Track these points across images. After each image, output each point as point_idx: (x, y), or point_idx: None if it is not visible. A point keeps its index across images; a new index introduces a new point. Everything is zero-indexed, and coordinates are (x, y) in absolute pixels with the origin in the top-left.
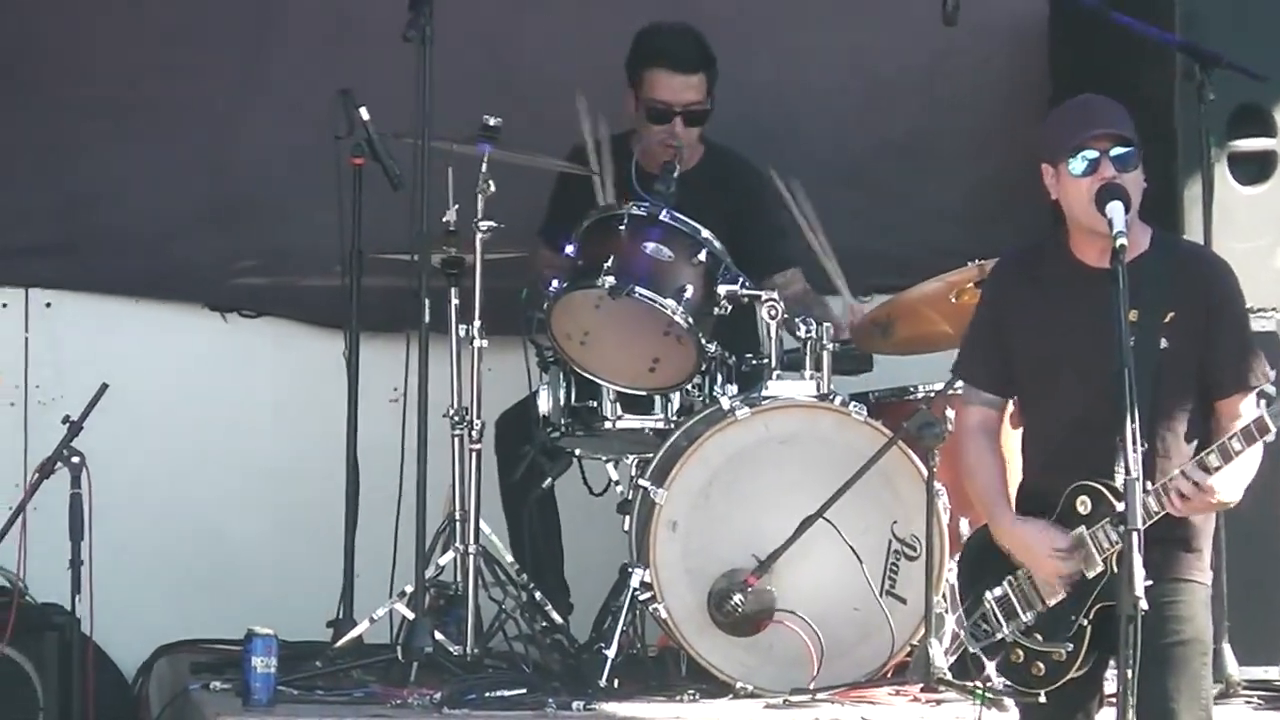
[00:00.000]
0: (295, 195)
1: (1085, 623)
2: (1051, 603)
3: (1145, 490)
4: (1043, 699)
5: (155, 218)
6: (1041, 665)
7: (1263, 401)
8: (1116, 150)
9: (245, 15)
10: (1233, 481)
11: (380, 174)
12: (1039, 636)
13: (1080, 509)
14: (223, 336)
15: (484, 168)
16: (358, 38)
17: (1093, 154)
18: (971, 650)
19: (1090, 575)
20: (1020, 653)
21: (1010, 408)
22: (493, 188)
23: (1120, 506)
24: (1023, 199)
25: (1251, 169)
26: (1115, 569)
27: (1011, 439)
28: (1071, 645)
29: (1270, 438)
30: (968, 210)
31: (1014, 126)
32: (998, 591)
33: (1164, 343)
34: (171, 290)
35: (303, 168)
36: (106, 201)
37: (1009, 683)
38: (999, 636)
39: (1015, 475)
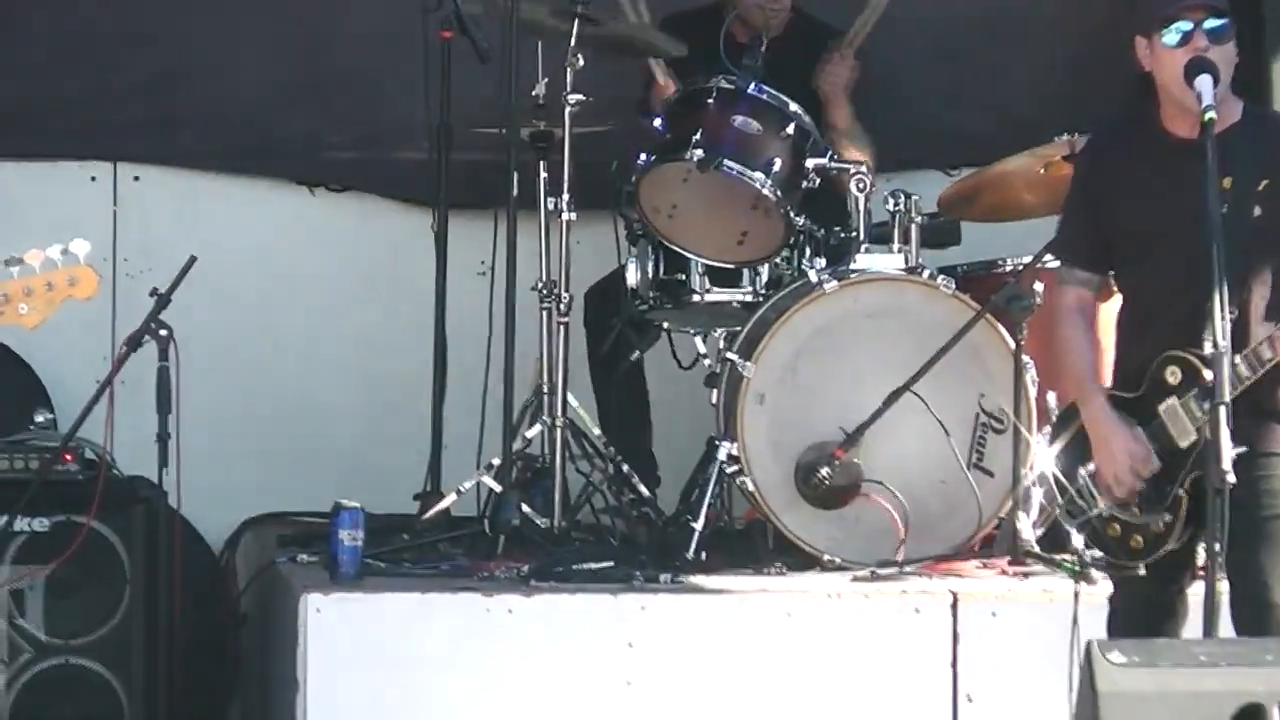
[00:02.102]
0: (384, 70)
1: (1182, 493)
2: (1103, 505)
3: (1233, 361)
4: (1141, 571)
5: (244, 92)
6: (1140, 538)
7: None
8: (1210, 22)
9: None
10: None
11: (469, 48)
12: (1135, 509)
13: (1170, 379)
14: (311, 210)
15: (573, 41)
16: None
17: (1186, 25)
18: (1067, 527)
19: (1183, 445)
20: (1117, 526)
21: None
22: (582, 61)
23: (1209, 376)
24: (1107, 75)
25: None
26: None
27: (1102, 311)
28: (1169, 516)
29: None
30: (1054, 86)
31: (1098, 2)
32: (1092, 466)
33: (1257, 210)
34: (260, 165)
35: (392, 42)
36: (196, 76)
37: (1106, 557)
38: (1094, 512)
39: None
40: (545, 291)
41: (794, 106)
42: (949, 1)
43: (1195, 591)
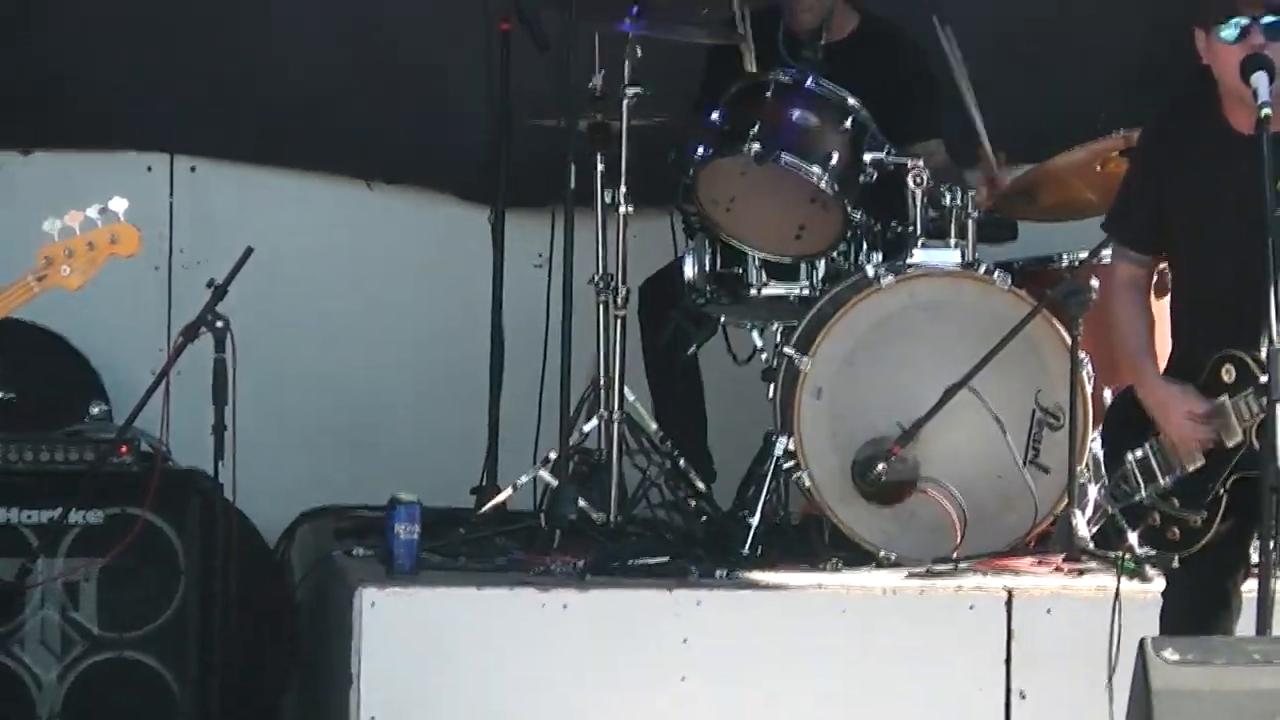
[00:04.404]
0: (442, 62)
1: (1222, 492)
2: (1190, 467)
3: None
4: (1176, 564)
5: (300, 85)
6: (1177, 530)
7: None
8: (1268, 18)
9: None
10: None
11: (528, 39)
12: (1176, 502)
13: (1225, 377)
14: (367, 204)
15: (630, 33)
16: None
17: (1244, 20)
18: (1110, 511)
19: (1229, 445)
20: (1157, 516)
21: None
22: (640, 53)
23: (1264, 377)
24: (1165, 72)
25: None
26: (1255, 440)
27: (1155, 306)
28: (1206, 513)
29: None
30: (1112, 81)
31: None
32: (1139, 453)
33: None
34: (316, 158)
35: (449, 34)
36: (252, 68)
37: (1148, 547)
38: (1137, 499)
39: (1162, 343)
40: (602, 285)
41: (852, 100)
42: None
43: (1249, 588)
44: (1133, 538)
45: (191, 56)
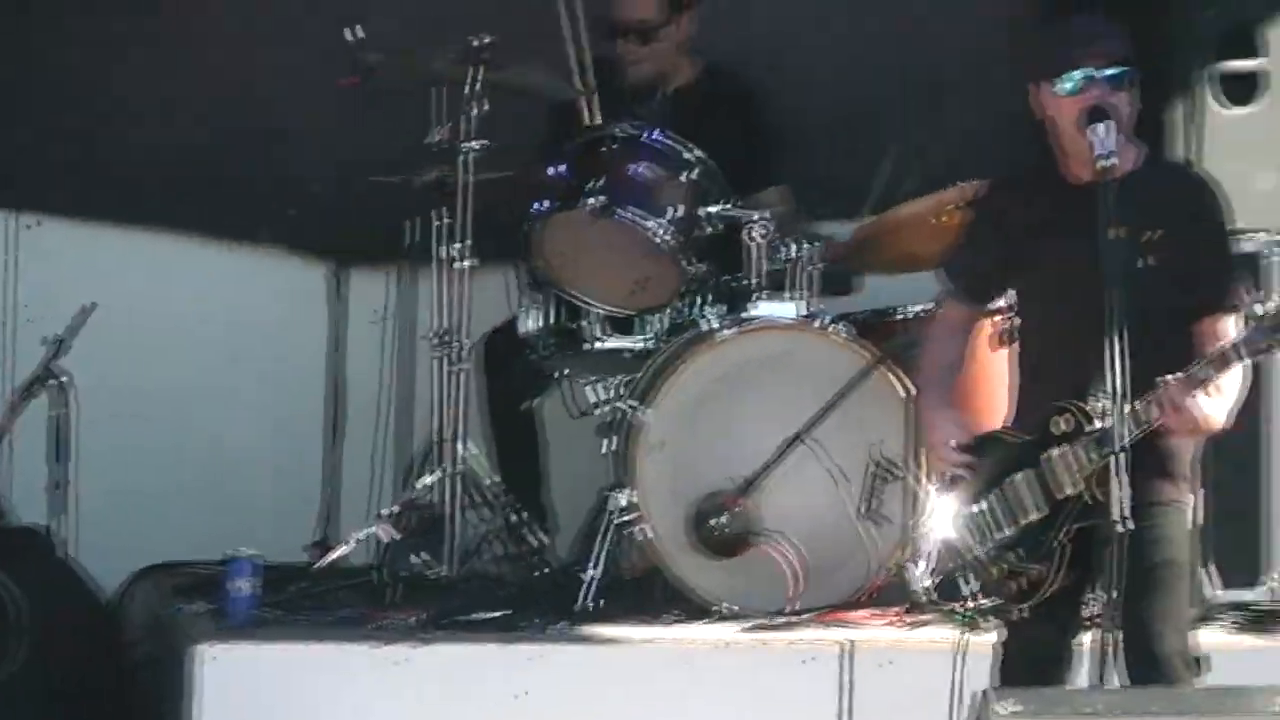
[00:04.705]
0: (286, 119)
1: (1063, 542)
2: (1028, 519)
3: (1127, 410)
4: (1020, 615)
5: (146, 145)
6: (1021, 582)
7: (1247, 322)
8: (1108, 70)
9: None
10: (1215, 405)
11: (372, 96)
12: (1016, 554)
13: (1059, 429)
14: (210, 261)
15: (474, 88)
16: None
17: (1083, 73)
18: (952, 567)
19: (1066, 494)
20: (999, 569)
21: (989, 327)
22: (483, 108)
23: (1097, 426)
24: (1015, 130)
25: (1239, 90)
26: (1093, 490)
27: (994, 360)
28: (1047, 564)
29: (1241, 364)
30: (963, 138)
31: (1006, 55)
32: (981, 505)
33: (1146, 262)
34: (163, 216)
35: (293, 92)
36: (100, 126)
37: (989, 600)
38: (979, 552)
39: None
40: (441, 340)
41: (692, 153)
42: (857, 59)
43: (1087, 640)
44: (973, 590)
45: (37, 113)
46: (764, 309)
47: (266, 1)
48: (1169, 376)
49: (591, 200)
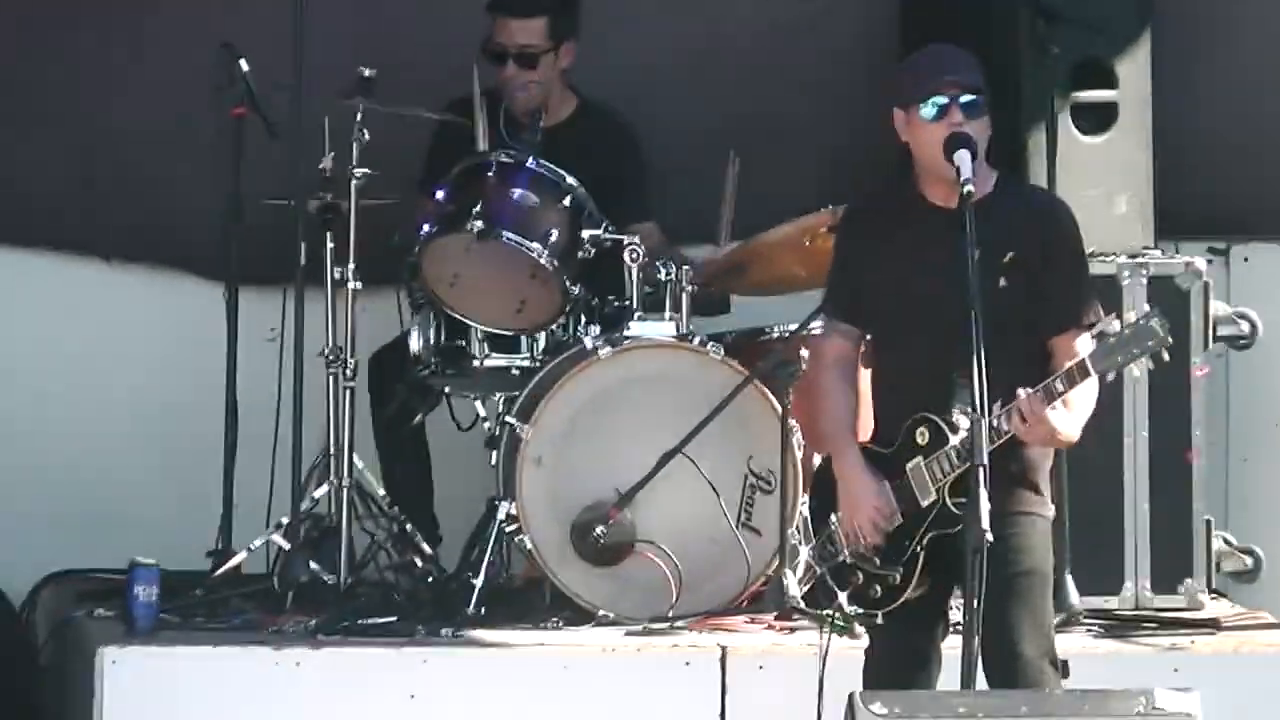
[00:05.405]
0: (178, 145)
1: (919, 549)
2: (862, 542)
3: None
4: (879, 620)
5: (39, 164)
6: (878, 587)
7: (1095, 341)
8: (965, 98)
9: None
10: (1068, 418)
11: (260, 124)
12: (875, 560)
13: (919, 440)
14: (108, 280)
15: (359, 117)
16: None
17: (943, 100)
18: (818, 570)
19: (924, 504)
20: (859, 575)
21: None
22: (367, 136)
23: (956, 439)
24: (877, 160)
25: (1092, 119)
26: (948, 499)
27: (866, 377)
28: (903, 569)
29: (1091, 379)
30: (824, 173)
31: (865, 87)
32: (841, 514)
33: (1003, 282)
34: (56, 238)
35: (185, 117)
36: None
37: (856, 606)
38: (840, 558)
39: (866, 412)
40: (331, 358)
41: (570, 179)
42: (716, 93)
43: (951, 645)
44: (841, 597)
45: None
46: (641, 329)
47: (160, 28)
48: (1026, 389)
49: (475, 224)
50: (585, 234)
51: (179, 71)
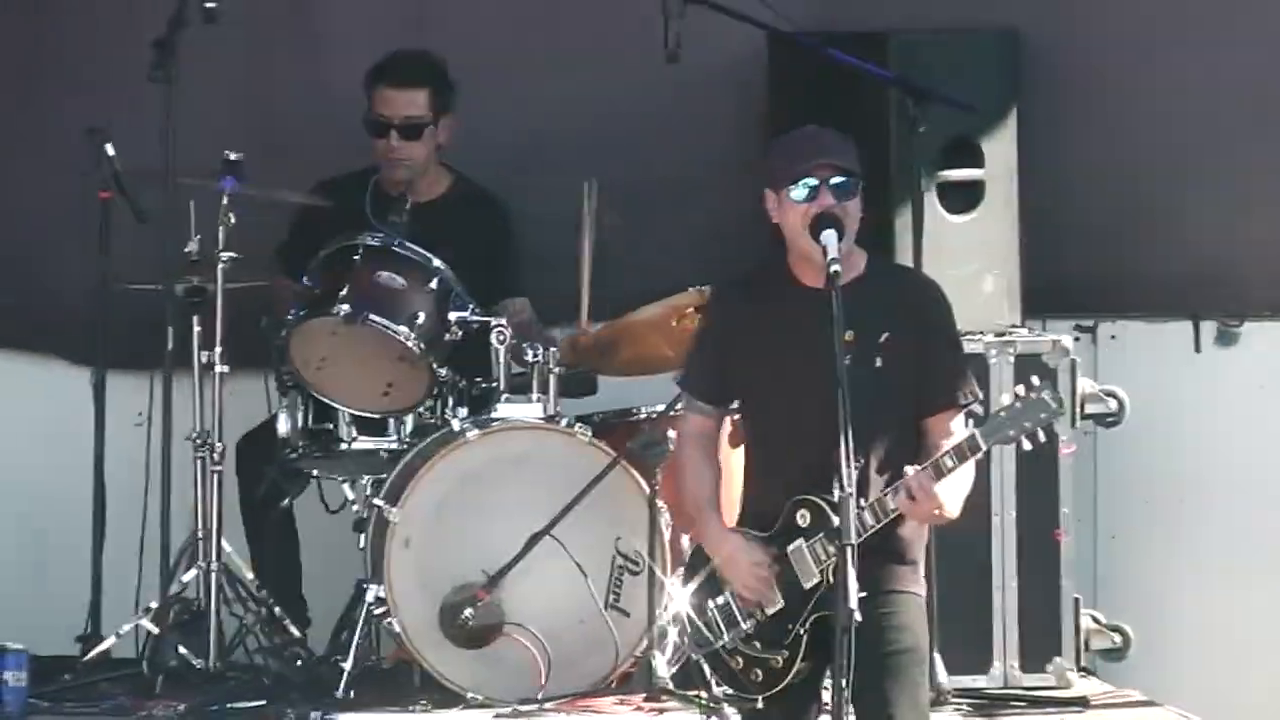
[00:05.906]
0: (46, 228)
1: (802, 632)
2: (770, 610)
3: (860, 506)
4: (759, 704)
5: None
6: (759, 672)
7: (971, 421)
8: (835, 179)
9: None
10: (951, 495)
11: (127, 208)
12: (757, 644)
13: (800, 522)
14: None
15: (225, 201)
16: (113, 78)
17: (813, 182)
18: (694, 657)
19: (807, 586)
20: (740, 659)
21: (729, 425)
22: (234, 220)
23: (837, 520)
24: (747, 235)
25: (960, 198)
26: (831, 580)
27: (733, 457)
28: (787, 653)
29: (980, 455)
30: (694, 247)
31: (736, 164)
32: (720, 600)
33: (878, 362)
34: None
35: (53, 201)
36: None
37: (729, 690)
38: (720, 644)
39: (736, 490)
40: (199, 441)
41: (437, 262)
42: (586, 165)
43: None
44: (711, 677)
45: None
46: (508, 411)
47: (27, 112)
48: (914, 466)
49: (341, 308)
50: (453, 316)
51: (49, 156)
